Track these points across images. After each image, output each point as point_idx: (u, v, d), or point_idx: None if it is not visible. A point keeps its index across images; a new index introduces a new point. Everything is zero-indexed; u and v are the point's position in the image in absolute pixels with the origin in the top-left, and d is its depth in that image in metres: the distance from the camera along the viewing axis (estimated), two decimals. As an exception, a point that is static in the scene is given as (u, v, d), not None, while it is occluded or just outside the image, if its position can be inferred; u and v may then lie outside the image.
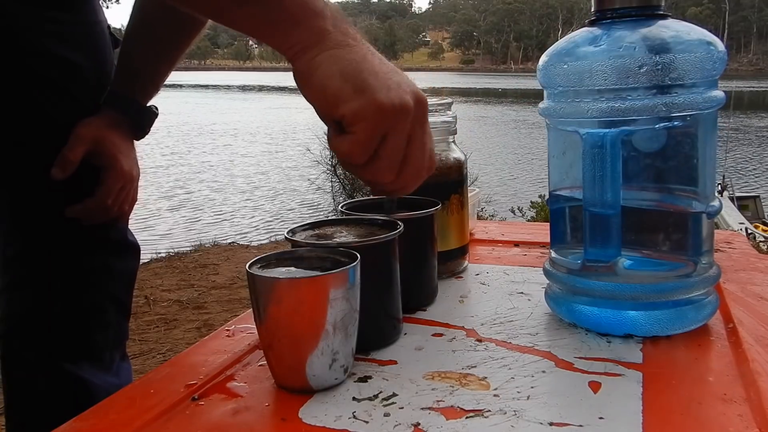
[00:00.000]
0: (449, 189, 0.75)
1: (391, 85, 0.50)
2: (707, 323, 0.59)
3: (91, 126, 0.79)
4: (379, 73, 0.50)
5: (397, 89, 0.50)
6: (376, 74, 0.50)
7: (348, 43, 0.51)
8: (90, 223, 0.81)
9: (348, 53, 0.50)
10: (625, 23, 0.56)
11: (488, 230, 1.01)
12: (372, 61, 0.51)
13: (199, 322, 3.08)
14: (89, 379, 0.82)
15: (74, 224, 0.80)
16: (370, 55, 0.51)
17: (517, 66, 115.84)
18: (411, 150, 0.52)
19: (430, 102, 0.75)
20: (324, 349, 0.48)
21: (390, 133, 0.50)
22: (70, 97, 0.80)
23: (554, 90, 0.60)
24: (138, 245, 0.91)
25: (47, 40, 0.77)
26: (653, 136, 0.56)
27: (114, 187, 0.80)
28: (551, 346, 0.56)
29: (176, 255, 4.59)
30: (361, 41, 0.52)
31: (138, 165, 0.86)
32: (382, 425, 0.44)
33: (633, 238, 0.58)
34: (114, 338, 0.87)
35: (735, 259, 0.81)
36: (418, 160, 0.52)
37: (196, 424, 0.46)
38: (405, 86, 0.51)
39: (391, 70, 0.51)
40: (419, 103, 0.51)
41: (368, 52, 0.51)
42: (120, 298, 0.88)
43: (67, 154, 0.77)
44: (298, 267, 0.52)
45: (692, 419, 0.43)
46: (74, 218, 0.80)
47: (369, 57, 0.51)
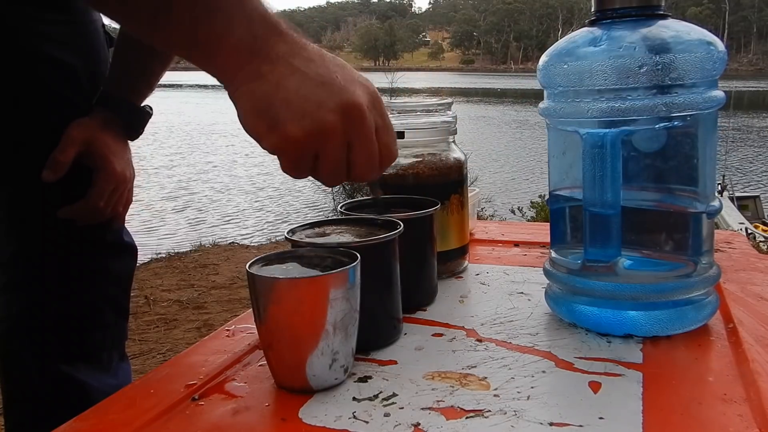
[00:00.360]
0: (449, 189, 0.75)
1: (307, 110, 0.48)
2: (707, 323, 0.59)
3: (82, 127, 0.78)
4: (293, 101, 0.48)
5: (314, 112, 0.48)
6: (288, 104, 0.48)
7: (261, 74, 0.48)
8: (83, 224, 0.80)
9: (261, 85, 0.48)
10: (625, 23, 0.56)
11: (488, 230, 1.01)
12: (287, 86, 0.48)
13: (199, 322, 3.08)
14: (85, 381, 0.82)
15: (69, 226, 0.80)
16: (285, 78, 0.48)
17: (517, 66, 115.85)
18: (353, 157, 0.51)
19: (429, 102, 0.76)
20: (324, 349, 0.48)
21: (320, 153, 0.50)
22: (63, 97, 0.79)
23: (554, 90, 0.60)
24: (135, 246, 0.90)
25: (39, 40, 0.76)
26: (653, 136, 0.56)
27: (106, 189, 0.80)
28: (551, 346, 0.56)
29: (176, 255, 4.59)
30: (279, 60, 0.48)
31: (132, 166, 0.85)
32: (382, 425, 0.44)
33: (633, 238, 0.58)
34: (112, 339, 0.87)
35: (735, 259, 0.81)
36: (363, 164, 0.51)
37: (196, 424, 0.46)
38: (327, 104, 0.48)
39: (313, 86, 0.48)
40: (350, 113, 0.49)
41: (282, 76, 0.48)
42: (117, 299, 0.87)
43: (58, 156, 0.76)
44: (298, 267, 0.52)
45: (692, 419, 0.43)
46: (69, 220, 0.79)
47: (284, 82, 0.48)
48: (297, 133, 0.48)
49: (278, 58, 0.49)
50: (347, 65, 0.52)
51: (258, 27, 0.48)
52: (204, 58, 0.49)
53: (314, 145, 0.49)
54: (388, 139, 0.53)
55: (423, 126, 0.74)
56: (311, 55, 0.50)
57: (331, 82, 0.49)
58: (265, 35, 0.48)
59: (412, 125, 0.74)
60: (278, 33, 0.49)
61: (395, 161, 0.73)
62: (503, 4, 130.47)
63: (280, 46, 0.49)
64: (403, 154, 0.75)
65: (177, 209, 8.81)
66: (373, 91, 0.52)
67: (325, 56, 0.50)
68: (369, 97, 0.51)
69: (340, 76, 0.49)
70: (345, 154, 0.50)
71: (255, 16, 0.48)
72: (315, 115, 0.48)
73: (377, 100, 0.52)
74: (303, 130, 0.48)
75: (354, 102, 0.49)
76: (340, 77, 0.49)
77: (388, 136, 0.53)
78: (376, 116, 0.51)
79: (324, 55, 0.50)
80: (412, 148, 0.75)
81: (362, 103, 0.49)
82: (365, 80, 0.52)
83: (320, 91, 0.48)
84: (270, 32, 0.49)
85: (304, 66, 0.49)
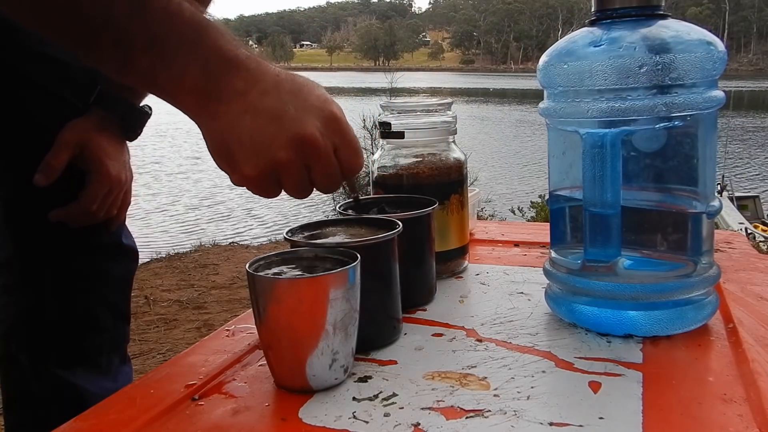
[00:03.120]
0: (449, 189, 0.75)
1: (260, 150, 0.50)
2: (707, 323, 0.59)
3: (76, 129, 0.76)
4: (246, 142, 0.50)
5: (266, 151, 0.50)
6: (242, 145, 0.50)
7: (217, 115, 0.50)
8: (76, 227, 0.79)
9: (218, 126, 0.51)
10: (625, 23, 0.56)
11: (488, 230, 1.01)
12: (241, 126, 0.50)
13: (199, 322, 3.08)
14: (82, 386, 0.81)
15: (65, 229, 0.79)
16: (239, 117, 0.50)
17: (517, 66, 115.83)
18: (313, 176, 0.54)
19: (429, 102, 0.76)
20: (324, 349, 0.48)
21: (280, 180, 0.53)
22: (58, 97, 0.78)
23: (554, 90, 0.60)
24: (135, 248, 0.89)
25: (33, 38, 0.75)
26: (653, 136, 0.56)
27: (99, 192, 0.78)
28: (551, 346, 0.56)
29: (176, 255, 4.59)
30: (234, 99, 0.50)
31: (130, 168, 0.84)
32: (382, 425, 0.44)
33: (633, 238, 0.58)
34: (111, 343, 0.86)
35: (735, 259, 0.81)
36: (323, 182, 0.54)
37: (196, 424, 0.46)
38: (278, 140, 0.50)
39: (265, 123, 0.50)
40: (302, 146, 0.51)
41: (237, 116, 0.50)
42: (115, 303, 0.86)
43: (51, 160, 0.74)
44: (298, 267, 0.52)
45: (692, 419, 0.43)
46: (65, 223, 0.79)
47: (238, 122, 0.50)
48: (252, 173, 0.51)
49: (233, 96, 0.50)
50: (305, 87, 0.53)
51: (214, 66, 0.50)
52: (168, 99, 0.51)
53: (273, 178, 0.52)
54: (349, 153, 0.54)
55: (423, 126, 0.74)
56: (267, 87, 0.51)
57: (282, 115, 0.50)
58: (220, 74, 0.50)
59: (412, 125, 0.74)
60: (235, 68, 0.50)
61: (396, 162, 0.74)
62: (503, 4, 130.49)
63: (235, 83, 0.50)
64: (403, 154, 0.75)
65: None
66: (329, 112, 0.53)
67: (280, 85, 0.52)
68: (323, 121, 0.52)
69: (293, 107, 0.51)
70: (305, 176, 0.53)
71: (210, 55, 0.50)
72: (267, 153, 0.50)
73: (334, 120, 0.53)
74: (257, 170, 0.51)
75: (304, 134, 0.51)
76: (293, 108, 0.51)
77: (348, 150, 0.54)
78: (333, 137, 0.53)
79: (280, 84, 0.52)
80: (412, 148, 0.75)
81: (313, 132, 0.51)
82: (323, 100, 0.53)
83: (271, 127, 0.50)
84: (226, 70, 0.50)
85: (258, 101, 0.50)
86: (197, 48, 0.49)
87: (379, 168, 0.76)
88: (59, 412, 0.57)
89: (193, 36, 0.50)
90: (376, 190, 0.76)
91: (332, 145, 0.53)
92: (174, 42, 0.49)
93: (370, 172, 0.78)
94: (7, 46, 0.74)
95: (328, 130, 0.53)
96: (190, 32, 0.49)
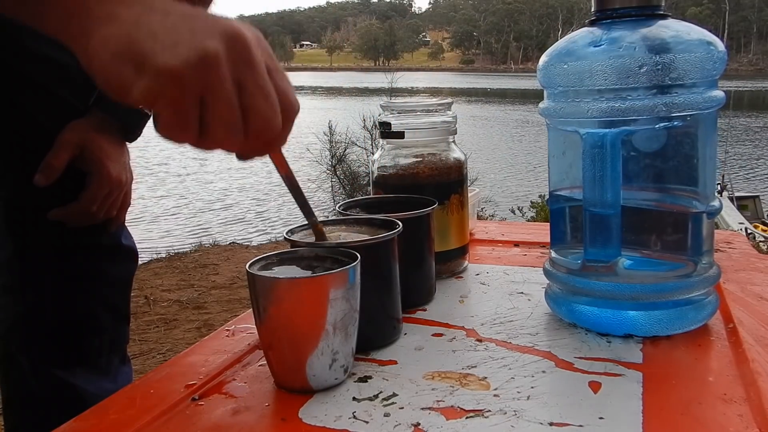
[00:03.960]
0: (449, 189, 0.75)
1: (180, 39, 0.40)
2: (707, 323, 0.59)
3: (76, 130, 0.77)
4: (159, 32, 0.40)
5: (189, 39, 0.40)
6: (154, 36, 0.40)
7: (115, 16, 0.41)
8: (75, 227, 0.79)
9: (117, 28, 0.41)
10: (625, 23, 0.56)
11: (488, 230, 1.01)
12: (149, 19, 0.41)
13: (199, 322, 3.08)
14: (81, 386, 0.81)
15: (65, 229, 0.79)
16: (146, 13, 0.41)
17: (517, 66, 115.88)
18: (249, 100, 0.42)
19: (429, 102, 0.76)
20: (324, 349, 0.48)
21: (205, 94, 0.41)
22: (58, 98, 0.78)
23: (554, 90, 0.60)
24: (135, 249, 0.89)
25: (32, 38, 0.75)
26: (653, 136, 0.56)
27: (99, 193, 0.78)
28: (551, 346, 0.56)
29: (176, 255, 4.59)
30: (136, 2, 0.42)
31: (130, 169, 0.84)
32: (382, 425, 0.44)
33: (633, 238, 0.58)
34: (110, 343, 0.86)
35: (735, 259, 0.81)
36: (261, 108, 0.43)
37: (196, 424, 0.46)
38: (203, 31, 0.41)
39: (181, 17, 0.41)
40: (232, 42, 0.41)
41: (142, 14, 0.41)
42: (115, 303, 0.86)
43: (51, 160, 0.74)
44: (299, 267, 0.52)
45: (692, 419, 0.43)
46: (65, 224, 0.79)
47: (145, 17, 0.41)
48: (172, 62, 0.39)
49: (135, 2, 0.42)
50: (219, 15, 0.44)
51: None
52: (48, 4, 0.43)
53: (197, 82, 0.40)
54: (284, 84, 0.44)
55: (423, 126, 0.74)
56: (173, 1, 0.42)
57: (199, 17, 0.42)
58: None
59: (412, 125, 0.74)
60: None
61: (396, 162, 0.74)
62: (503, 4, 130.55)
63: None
64: (403, 154, 0.75)
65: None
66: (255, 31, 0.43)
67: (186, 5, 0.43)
68: (250, 32, 0.43)
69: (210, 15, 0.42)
70: (236, 97, 0.42)
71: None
72: (191, 42, 0.40)
73: (261, 39, 0.44)
74: (179, 59, 0.40)
75: (235, 29, 0.41)
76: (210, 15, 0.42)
77: (283, 80, 0.44)
78: (265, 55, 0.43)
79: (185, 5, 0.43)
80: (412, 148, 0.75)
81: (244, 32, 0.42)
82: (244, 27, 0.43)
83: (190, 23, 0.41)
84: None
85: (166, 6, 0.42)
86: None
87: (379, 168, 0.76)
88: (59, 412, 0.57)
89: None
90: (376, 190, 0.76)
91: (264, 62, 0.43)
92: None
93: (371, 172, 0.78)
94: (7, 47, 0.74)
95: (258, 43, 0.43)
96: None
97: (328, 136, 6.36)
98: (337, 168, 6.18)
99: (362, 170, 6.06)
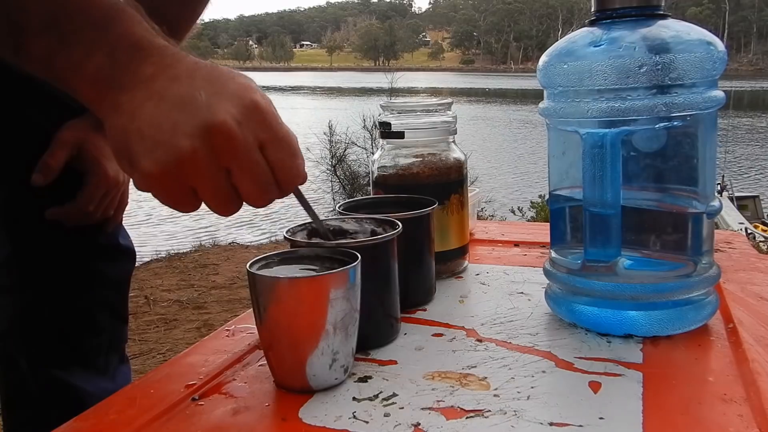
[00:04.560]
0: (449, 189, 0.75)
1: (161, 139, 0.42)
2: (707, 323, 0.59)
3: (74, 129, 0.76)
4: (146, 130, 0.42)
5: (169, 139, 0.42)
6: (141, 135, 0.42)
7: (118, 105, 0.43)
8: (72, 226, 0.79)
9: (118, 119, 0.43)
10: (625, 23, 0.56)
11: (488, 230, 1.01)
12: (142, 112, 0.43)
13: (199, 322, 3.09)
14: (80, 386, 0.81)
15: (63, 230, 0.79)
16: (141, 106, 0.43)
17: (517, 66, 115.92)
18: (235, 182, 0.44)
19: (429, 102, 0.76)
20: (324, 349, 0.48)
21: (193, 185, 0.43)
22: (55, 97, 0.78)
23: (554, 90, 0.60)
24: (133, 249, 0.89)
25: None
26: (653, 136, 0.56)
27: (96, 193, 0.78)
28: (551, 346, 0.56)
29: (176, 255, 4.59)
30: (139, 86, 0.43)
31: None
32: (382, 425, 0.44)
33: (633, 238, 0.58)
34: (109, 343, 0.86)
35: (735, 259, 0.82)
36: (250, 190, 0.44)
37: (196, 424, 0.46)
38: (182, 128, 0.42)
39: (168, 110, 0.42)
40: (211, 136, 0.42)
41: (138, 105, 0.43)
42: (113, 303, 0.86)
43: (48, 160, 0.74)
44: (299, 267, 0.52)
45: (692, 419, 0.43)
46: (62, 224, 0.78)
47: (138, 111, 0.43)
48: (151, 168, 0.42)
49: (138, 83, 0.43)
50: (225, 74, 0.45)
51: (121, 53, 0.44)
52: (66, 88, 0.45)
53: (179, 179, 0.43)
54: (282, 154, 0.45)
55: (423, 126, 0.74)
56: (178, 73, 0.44)
57: (190, 101, 0.42)
58: (128, 61, 0.44)
59: (412, 125, 0.74)
60: (146, 54, 0.44)
61: (396, 162, 0.74)
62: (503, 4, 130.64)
63: (144, 69, 0.44)
64: (403, 154, 0.75)
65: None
66: (251, 100, 0.44)
67: (196, 72, 0.44)
68: (241, 109, 0.43)
69: (205, 93, 0.43)
70: (223, 179, 0.44)
71: (120, 41, 0.44)
72: (168, 143, 0.42)
73: (257, 110, 0.44)
74: (157, 165, 0.42)
75: (214, 121, 0.42)
76: (205, 94, 0.43)
77: (280, 151, 0.45)
78: (256, 130, 0.43)
79: (196, 71, 0.44)
80: (412, 148, 0.75)
81: (225, 120, 0.42)
82: (244, 87, 0.44)
83: (175, 114, 0.42)
84: (135, 56, 0.44)
85: (165, 88, 0.43)
86: (104, 33, 0.44)
87: (379, 168, 0.76)
88: (58, 412, 0.57)
89: (100, 19, 0.44)
90: (376, 190, 0.76)
91: (255, 139, 0.43)
92: (78, 24, 0.43)
93: (371, 172, 0.78)
94: None
95: (249, 120, 0.43)
96: (98, 14, 0.44)
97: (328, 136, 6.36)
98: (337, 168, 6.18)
99: (362, 170, 6.06)
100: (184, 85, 0.43)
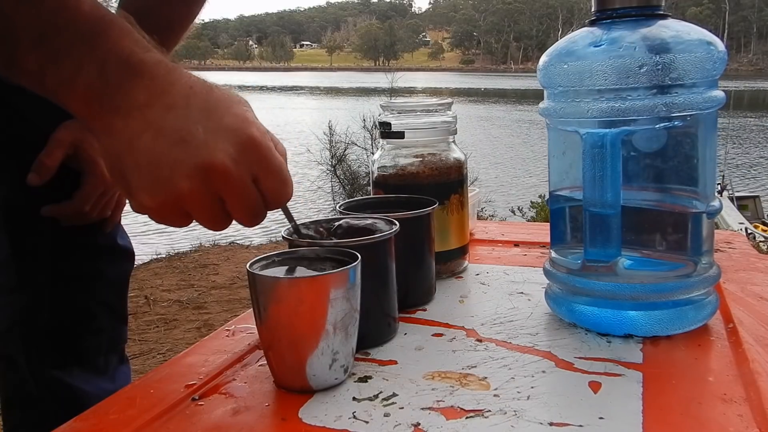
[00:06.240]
0: (449, 189, 0.75)
1: (159, 177, 0.43)
2: (707, 323, 0.59)
3: (70, 129, 0.76)
4: (144, 167, 0.43)
5: (167, 180, 0.43)
6: (139, 169, 0.43)
7: (113, 130, 0.44)
8: (69, 226, 0.79)
9: (114, 144, 0.44)
10: (625, 23, 0.56)
11: (488, 230, 1.01)
12: (139, 143, 0.43)
13: (199, 322, 3.09)
14: (79, 386, 0.81)
15: (61, 230, 0.79)
16: (137, 136, 0.43)
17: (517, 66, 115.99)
18: (229, 209, 0.46)
19: (429, 102, 0.76)
20: (324, 349, 0.48)
21: (189, 211, 0.46)
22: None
23: (554, 90, 0.60)
24: (131, 249, 0.89)
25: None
26: (653, 136, 0.56)
27: (93, 193, 0.78)
28: (551, 346, 0.56)
29: (176, 255, 4.59)
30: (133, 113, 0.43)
31: None
32: (382, 425, 0.44)
33: (633, 238, 0.58)
34: (108, 343, 0.86)
35: (735, 259, 0.82)
36: (242, 216, 0.47)
37: (196, 424, 0.46)
38: (181, 168, 0.43)
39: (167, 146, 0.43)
40: (208, 176, 0.44)
41: (135, 134, 0.43)
42: (112, 303, 0.86)
43: (44, 159, 0.74)
44: (299, 267, 0.52)
45: (692, 419, 0.43)
46: (60, 224, 0.78)
47: (136, 142, 0.43)
48: (150, 203, 0.44)
49: (132, 109, 0.44)
50: (221, 103, 0.46)
51: (112, 70, 0.43)
52: (60, 104, 0.45)
53: (176, 210, 0.45)
54: (273, 184, 0.47)
55: (423, 126, 0.74)
56: (174, 101, 0.44)
57: (188, 138, 0.43)
58: (120, 80, 0.44)
59: (412, 125, 0.74)
60: (138, 75, 0.44)
61: (396, 162, 0.74)
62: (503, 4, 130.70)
63: (136, 93, 0.44)
64: (403, 154, 0.75)
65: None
66: (246, 136, 0.45)
67: (191, 99, 0.45)
68: (238, 147, 0.45)
69: (202, 128, 0.44)
70: (218, 208, 0.46)
71: (109, 56, 0.44)
72: (167, 183, 0.43)
73: (252, 146, 0.45)
74: (156, 201, 0.44)
75: (212, 163, 0.43)
76: (202, 129, 0.44)
77: (271, 180, 0.47)
78: (251, 166, 0.45)
79: (190, 98, 0.45)
80: (412, 148, 0.75)
81: (222, 161, 0.44)
82: (240, 120, 0.45)
83: (175, 151, 0.43)
84: (126, 76, 0.44)
85: (161, 119, 0.43)
86: (94, 47, 0.43)
87: (379, 168, 0.76)
88: (58, 412, 0.57)
89: (89, 33, 0.44)
90: (376, 190, 0.76)
91: (250, 174, 0.46)
92: (66, 39, 0.43)
93: (371, 172, 0.78)
94: None
95: (245, 157, 0.45)
96: (86, 28, 0.44)
97: (328, 136, 6.36)
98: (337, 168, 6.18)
99: (362, 170, 6.06)
100: (181, 116, 0.44)
